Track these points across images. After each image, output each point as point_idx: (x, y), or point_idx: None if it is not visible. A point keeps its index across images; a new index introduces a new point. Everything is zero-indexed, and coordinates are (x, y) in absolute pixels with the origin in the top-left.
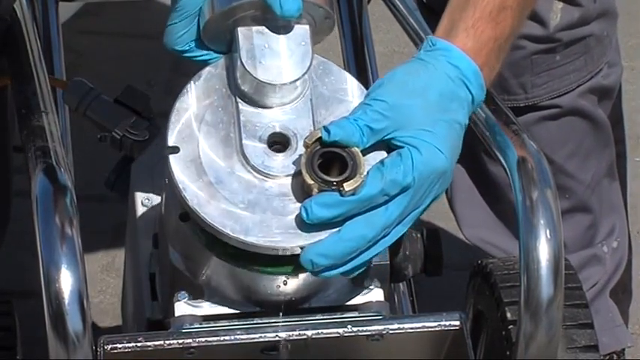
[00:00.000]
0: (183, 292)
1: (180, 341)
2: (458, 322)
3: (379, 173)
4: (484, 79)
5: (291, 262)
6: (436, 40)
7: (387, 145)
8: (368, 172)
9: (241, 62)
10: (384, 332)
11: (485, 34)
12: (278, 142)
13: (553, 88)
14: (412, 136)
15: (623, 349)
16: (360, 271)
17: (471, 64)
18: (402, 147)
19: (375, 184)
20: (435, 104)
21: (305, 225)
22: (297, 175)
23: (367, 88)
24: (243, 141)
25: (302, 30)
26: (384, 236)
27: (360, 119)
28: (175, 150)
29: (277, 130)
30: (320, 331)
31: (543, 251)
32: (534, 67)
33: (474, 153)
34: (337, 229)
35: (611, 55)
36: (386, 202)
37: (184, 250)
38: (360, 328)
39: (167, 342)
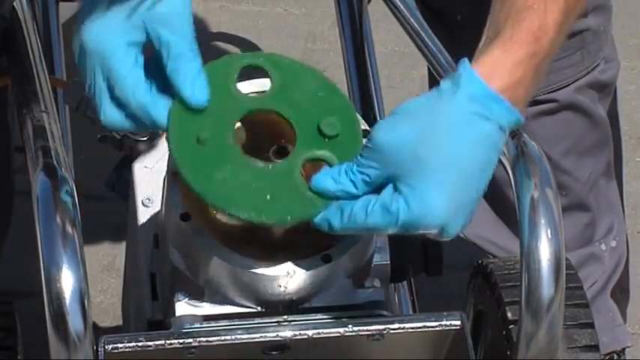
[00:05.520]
0: (183, 291)
1: (181, 341)
2: (458, 322)
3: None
4: (518, 97)
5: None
6: (461, 65)
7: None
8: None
9: None
10: (385, 332)
11: (522, 50)
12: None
13: (550, 82)
14: (407, 184)
15: (624, 349)
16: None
17: (489, 91)
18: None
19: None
20: (445, 147)
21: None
22: None
23: (367, 88)
24: None
25: None
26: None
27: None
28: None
29: None
30: (321, 330)
31: (544, 251)
32: None
33: None
34: None
35: (607, 50)
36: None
37: (185, 250)
38: (361, 328)
39: (168, 342)
